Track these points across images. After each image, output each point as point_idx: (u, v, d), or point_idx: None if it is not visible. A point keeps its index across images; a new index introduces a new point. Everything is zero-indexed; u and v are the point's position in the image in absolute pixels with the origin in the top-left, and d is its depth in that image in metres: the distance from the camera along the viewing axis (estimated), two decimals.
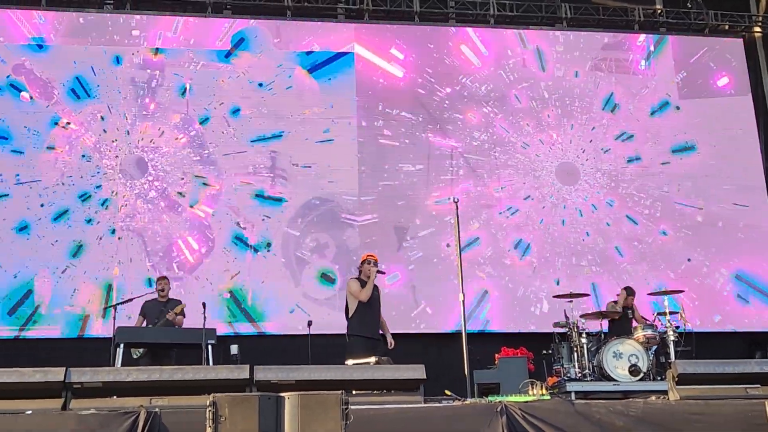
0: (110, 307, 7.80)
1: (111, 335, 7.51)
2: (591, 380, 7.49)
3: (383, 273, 7.53)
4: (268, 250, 10.12)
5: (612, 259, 10.81)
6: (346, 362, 6.64)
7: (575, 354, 7.70)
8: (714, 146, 11.43)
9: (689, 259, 10.92)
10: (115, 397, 5.29)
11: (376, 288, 7.39)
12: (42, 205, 9.84)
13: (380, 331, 7.38)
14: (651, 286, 9.86)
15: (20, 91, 10.15)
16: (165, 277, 8.37)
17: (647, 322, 8.22)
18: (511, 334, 9.66)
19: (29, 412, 5.00)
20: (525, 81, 11.29)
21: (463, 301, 6.58)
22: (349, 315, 7.30)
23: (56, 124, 10.14)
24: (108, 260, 9.78)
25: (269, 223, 10.22)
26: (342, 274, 9.93)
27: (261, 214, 10.24)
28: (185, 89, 10.45)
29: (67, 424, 4.86)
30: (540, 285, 10.46)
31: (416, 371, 5.53)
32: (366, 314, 7.27)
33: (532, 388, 6.63)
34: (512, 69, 11.31)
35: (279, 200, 10.31)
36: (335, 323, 9.55)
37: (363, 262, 7.43)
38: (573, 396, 6.92)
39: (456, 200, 6.92)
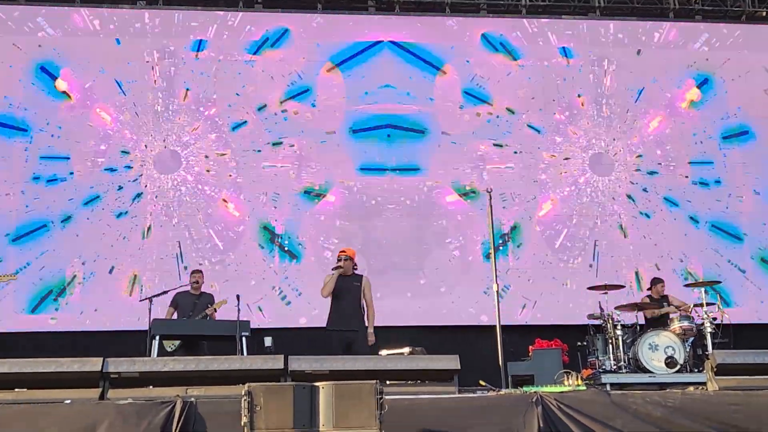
0: (146, 299, 7.87)
1: (145, 328, 7.61)
2: (626, 372, 7.42)
3: (339, 268, 7.48)
4: (300, 244, 10.16)
5: (648, 249, 10.66)
6: None
7: (610, 346, 7.64)
8: None
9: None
10: (151, 387, 5.35)
11: (349, 280, 7.44)
12: (70, 200, 9.97)
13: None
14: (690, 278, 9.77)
15: (54, 78, 10.29)
16: (199, 270, 8.43)
17: (686, 308, 8.10)
18: (545, 326, 9.57)
19: (68, 401, 5.09)
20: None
21: (498, 291, 6.53)
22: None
23: (91, 117, 10.26)
24: (138, 253, 9.89)
25: (301, 217, 10.26)
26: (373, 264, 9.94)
27: (293, 208, 10.29)
28: (215, 83, 10.52)
29: (106, 413, 4.92)
30: (573, 276, 10.36)
31: (450, 361, 5.52)
32: (338, 307, 7.40)
33: (568, 378, 6.58)
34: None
35: (312, 192, 10.35)
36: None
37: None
38: (608, 388, 6.86)
39: (490, 190, 6.88)
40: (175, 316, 8.08)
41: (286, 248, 10.11)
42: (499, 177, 10.59)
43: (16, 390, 5.18)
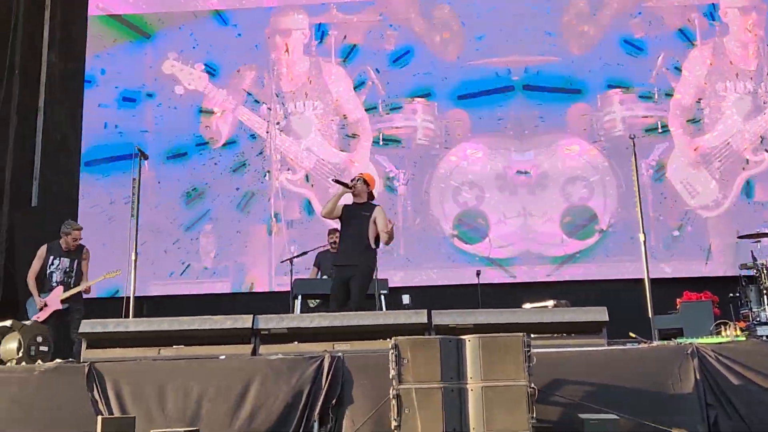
0: (287, 260, 8.10)
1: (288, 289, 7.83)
2: None
3: (345, 185, 6.82)
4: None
5: None
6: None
7: (765, 297, 7.23)
8: None
9: None
10: (296, 342, 5.49)
11: (358, 208, 6.80)
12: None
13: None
14: None
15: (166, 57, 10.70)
16: (337, 229, 8.52)
17: None
18: (693, 278, 9.16)
19: (223, 356, 5.32)
20: None
21: (645, 242, 6.28)
22: None
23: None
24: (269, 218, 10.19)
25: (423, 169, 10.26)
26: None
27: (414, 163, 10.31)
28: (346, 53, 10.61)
29: (258, 368, 5.11)
30: (725, 224, 9.85)
31: (598, 313, 5.37)
32: (343, 236, 6.82)
33: (725, 329, 6.27)
34: None
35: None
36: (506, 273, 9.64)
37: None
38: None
39: (633, 137, 6.60)
40: (318, 276, 8.27)
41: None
42: None
43: (175, 346, 5.45)
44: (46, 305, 7.57)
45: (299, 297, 7.50)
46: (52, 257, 7.73)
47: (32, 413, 5.12)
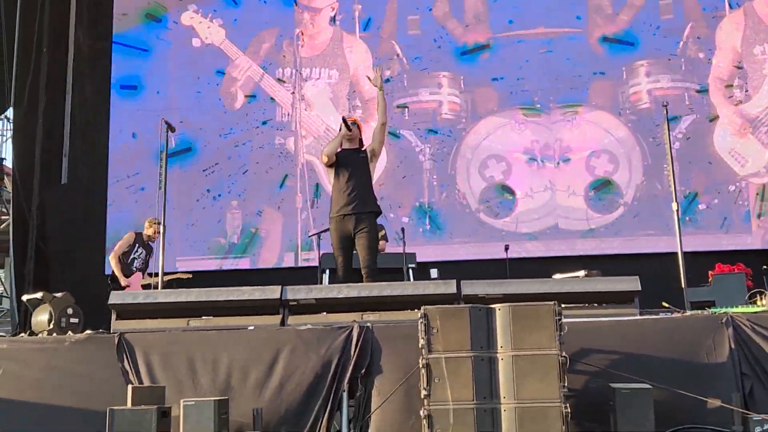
0: (313, 235, 8.07)
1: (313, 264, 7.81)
2: None
3: (348, 128, 6.21)
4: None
5: None
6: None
7: None
8: None
9: None
10: (325, 313, 5.46)
11: (353, 153, 6.22)
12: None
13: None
14: None
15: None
16: None
17: None
18: (725, 251, 9.00)
19: (251, 327, 5.30)
20: None
21: (677, 211, 6.16)
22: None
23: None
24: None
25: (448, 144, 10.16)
26: None
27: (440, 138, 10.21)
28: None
29: (288, 338, 5.09)
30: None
31: (630, 283, 5.27)
32: (339, 187, 6.13)
33: (761, 298, 6.13)
34: None
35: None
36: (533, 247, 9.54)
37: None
38: None
39: (666, 104, 6.46)
40: None
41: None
42: None
43: (204, 318, 5.44)
44: (128, 286, 8.00)
45: (327, 271, 7.47)
46: (137, 245, 8.32)
47: (64, 383, 5.15)
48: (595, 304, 5.40)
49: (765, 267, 7.50)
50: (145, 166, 10.31)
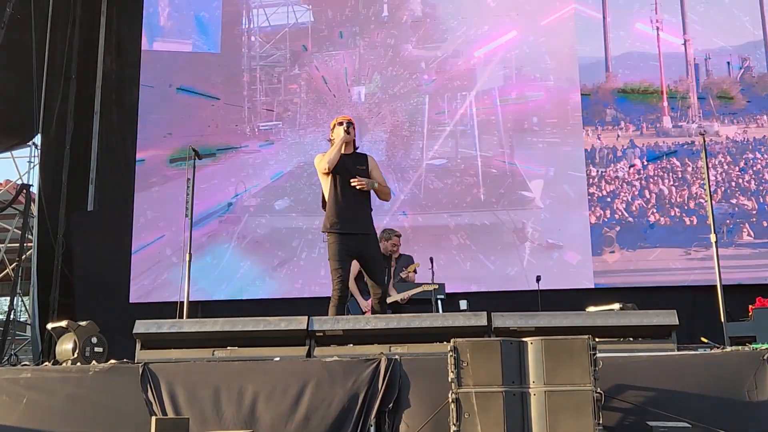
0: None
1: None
2: None
3: (346, 130, 5.99)
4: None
5: None
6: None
7: None
8: None
9: None
10: (352, 345, 5.46)
11: (351, 160, 6.00)
12: None
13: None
14: None
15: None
16: (397, 234, 8.41)
17: None
18: (765, 285, 8.87)
19: (277, 358, 5.31)
20: None
21: (716, 243, 6.09)
22: (324, 201, 6.00)
23: None
24: None
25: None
26: None
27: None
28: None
29: (314, 370, 5.08)
30: None
31: (668, 317, 5.21)
32: (339, 199, 5.89)
33: None
34: None
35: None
36: (563, 277, 9.45)
37: (333, 128, 6.05)
38: None
39: (703, 132, 6.43)
40: None
41: None
42: None
43: (229, 348, 5.46)
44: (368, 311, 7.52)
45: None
46: None
47: (87, 413, 5.18)
48: (631, 339, 5.35)
49: None
50: (174, 192, 10.42)
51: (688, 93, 10.00)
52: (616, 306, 5.97)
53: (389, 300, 7.15)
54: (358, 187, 5.87)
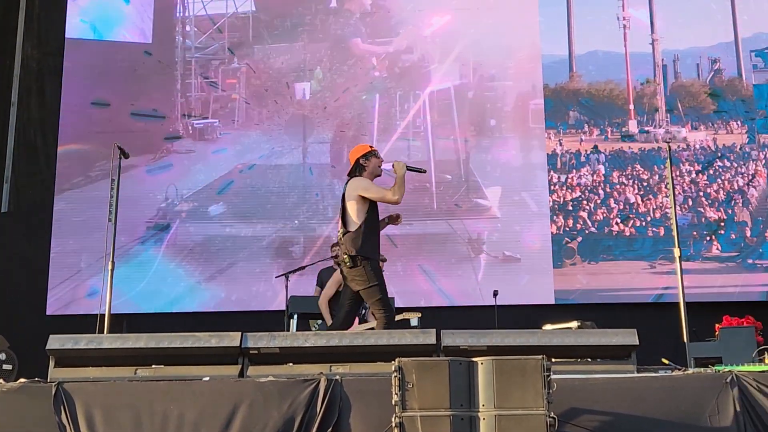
0: (282, 275, 8.01)
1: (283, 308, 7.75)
2: None
3: (424, 172, 6.72)
4: None
5: None
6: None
7: None
8: None
9: None
10: (291, 364, 5.43)
11: None
12: None
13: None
14: None
15: None
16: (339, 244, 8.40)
17: None
18: (733, 303, 9.09)
19: (207, 378, 5.26)
20: None
21: (680, 257, 6.22)
22: (353, 227, 6.12)
23: None
24: None
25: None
26: None
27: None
28: None
29: (246, 391, 5.05)
30: (765, 243, 9.80)
31: (628, 336, 5.30)
32: (375, 227, 6.19)
33: None
34: None
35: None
36: (521, 293, 9.54)
37: (368, 154, 6.31)
38: None
39: (668, 140, 6.57)
40: None
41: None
42: None
43: (154, 366, 5.39)
44: None
45: (295, 316, 7.42)
46: None
47: None
48: (588, 359, 5.42)
49: None
50: (96, 193, 10.27)
51: (656, 96, 10.21)
52: (574, 324, 6.06)
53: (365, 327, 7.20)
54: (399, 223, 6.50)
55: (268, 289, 9.79)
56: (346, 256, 6.04)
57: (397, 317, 7.02)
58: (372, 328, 7.05)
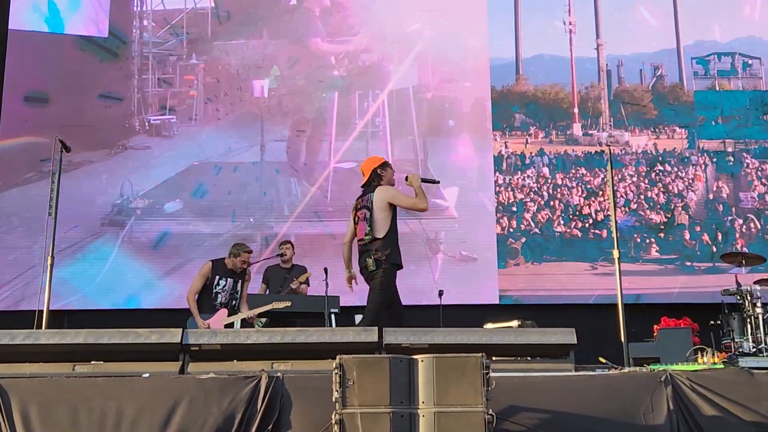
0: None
1: None
2: None
3: (438, 182, 7.08)
4: None
5: None
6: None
7: (749, 326, 7.14)
8: None
9: None
10: (234, 360, 5.33)
11: None
12: None
13: None
14: None
15: None
16: (288, 242, 8.33)
17: None
18: (671, 304, 9.12)
19: (146, 375, 5.11)
20: None
21: (618, 259, 6.18)
22: (380, 234, 6.20)
23: None
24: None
25: None
26: None
27: None
28: None
29: (186, 388, 4.90)
30: (705, 246, 9.88)
31: (566, 335, 5.26)
32: (396, 235, 6.31)
33: (702, 356, 6.17)
34: None
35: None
36: (468, 293, 9.48)
37: (383, 165, 6.43)
38: None
39: (609, 144, 6.54)
40: (267, 293, 8.06)
41: None
42: None
43: (93, 362, 5.24)
44: (208, 327, 7.25)
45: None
46: (218, 277, 7.50)
47: None
48: (528, 358, 5.37)
49: (712, 323, 7.56)
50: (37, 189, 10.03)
51: (600, 100, 10.23)
52: (515, 323, 6.01)
53: (232, 319, 7.26)
54: None
55: None
56: (371, 260, 6.09)
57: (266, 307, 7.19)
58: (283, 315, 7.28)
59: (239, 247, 7.60)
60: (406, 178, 6.40)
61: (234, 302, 7.50)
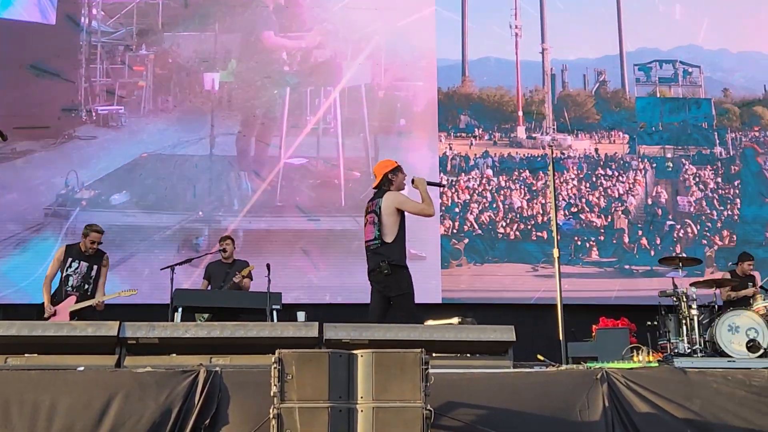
0: (168, 267, 7.66)
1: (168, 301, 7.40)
2: (702, 356, 7.00)
3: (444, 186, 6.93)
4: None
5: (731, 222, 10.25)
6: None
7: (684, 327, 7.22)
8: None
9: None
10: (173, 354, 5.22)
11: None
12: None
13: None
14: None
15: None
16: (229, 237, 8.22)
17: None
18: (610, 305, 9.20)
19: (81, 368, 4.97)
20: None
21: (558, 258, 6.19)
22: (389, 238, 6.22)
23: None
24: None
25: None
26: None
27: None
28: None
29: (122, 381, 4.78)
30: (644, 249, 10.00)
31: (505, 333, 5.24)
32: (404, 236, 6.32)
33: (637, 354, 6.22)
34: None
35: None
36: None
37: (395, 170, 6.48)
38: None
39: (551, 145, 6.55)
40: (209, 288, 7.92)
41: None
42: None
43: (26, 355, 5.08)
44: (54, 314, 7.14)
45: (179, 309, 7.09)
46: (70, 259, 7.33)
47: None
48: (467, 354, 5.34)
49: (649, 323, 7.63)
50: None
51: (543, 104, 10.28)
52: (455, 320, 5.98)
53: (79, 306, 7.18)
54: None
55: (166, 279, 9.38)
56: (385, 264, 6.09)
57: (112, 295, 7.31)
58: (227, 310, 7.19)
59: (89, 227, 7.50)
60: (413, 181, 6.42)
61: (87, 286, 7.36)
